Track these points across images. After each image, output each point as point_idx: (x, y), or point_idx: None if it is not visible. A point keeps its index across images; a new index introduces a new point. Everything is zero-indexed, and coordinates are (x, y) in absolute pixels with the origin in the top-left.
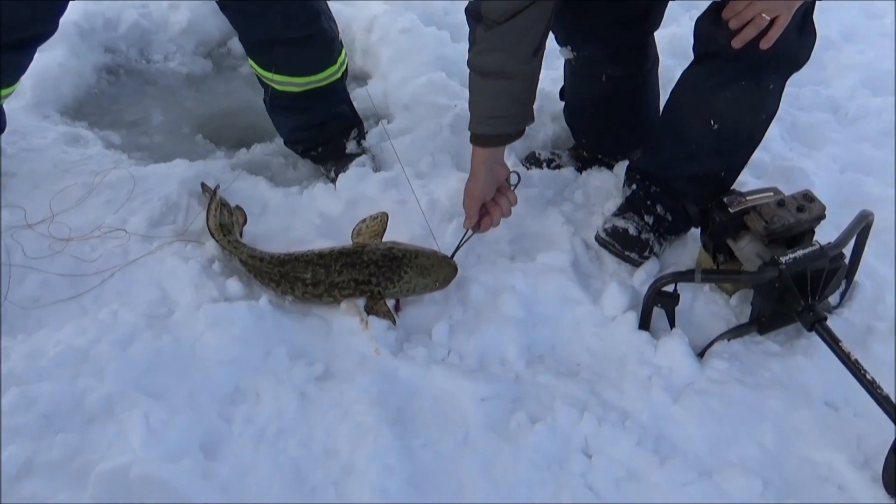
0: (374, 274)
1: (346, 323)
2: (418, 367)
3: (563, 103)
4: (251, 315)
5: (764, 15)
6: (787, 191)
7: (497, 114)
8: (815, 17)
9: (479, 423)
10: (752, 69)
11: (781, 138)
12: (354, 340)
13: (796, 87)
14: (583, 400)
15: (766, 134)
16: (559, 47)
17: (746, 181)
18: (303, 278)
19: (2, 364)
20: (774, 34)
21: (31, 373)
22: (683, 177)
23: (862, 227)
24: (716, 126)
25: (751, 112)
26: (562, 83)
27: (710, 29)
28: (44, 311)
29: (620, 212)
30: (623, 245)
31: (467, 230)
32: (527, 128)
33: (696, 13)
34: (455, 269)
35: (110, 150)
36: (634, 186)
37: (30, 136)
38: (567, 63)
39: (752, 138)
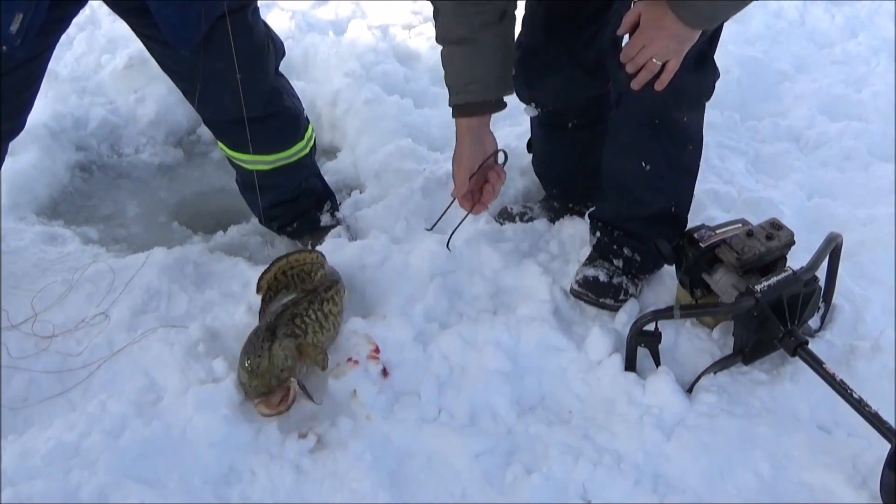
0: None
1: (336, 392)
2: (410, 429)
3: (531, 156)
4: (239, 394)
5: (655, 60)
6: (757, 221)
7: (472, 80)
8: (764, 52)
9: (474, 480)
10: (659, 108)
11: (747, 171)
12: (345, 408)
13: (755, 121)
14: (576, 446)
15: (731, 168)
16: (523, 105)
17: (715, 216)
18: None
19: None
20: (666, 78)
21: (23, 472)
22: (636, 219)
23: (832, 250)
24: (647, 167)
25: (675, 146)
26: (527, 137)
27: (617, 72)
28: (33, 410)
29: (590, 261)
30: (597, 293)
31: (465, 216)
32: (506, 100)
33: None
34: None
35: (88, 246)
36: (598, 234)
37: (7, 238)
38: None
39: (688, 169)
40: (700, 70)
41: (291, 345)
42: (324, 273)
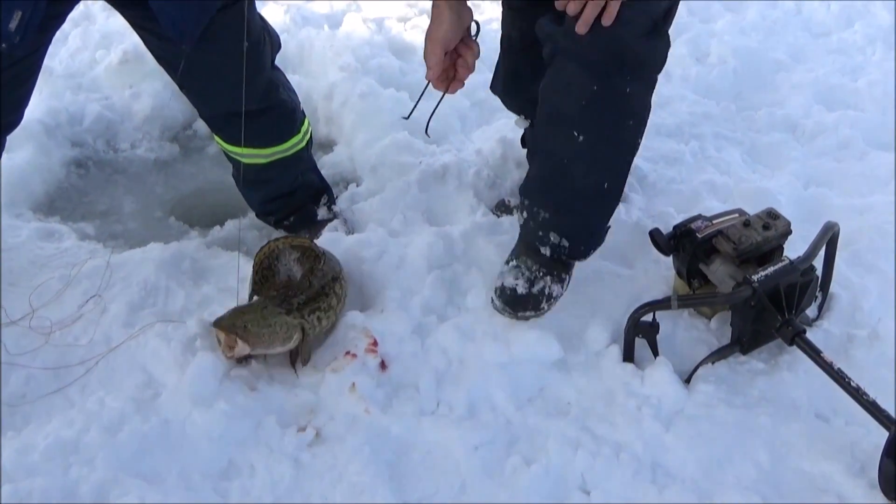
0: None
1: (334, 386)
2: (409, 422)
3: (525, 150)
4: (238, 388)
5: None
6: (753, 212)
7: None
8: (760, 41)
9: (474, 472)
10: (598, 72)
11: (743, 161)
12: (343, 402)
13: (752, 111)
14: (575, 437)
15: (727, 158)
16: (515, 116)
17: (712, 206)
18: None
19: None
20: (613, 10)
21: (22, 469)
22: (565, 194)
23: (829, 239)
24: (580, 137)
25: (613, 118)
26: (522, 131)
27: (550, 28)
28: (31, 407)
29: (514, 256)
30: (514, 307)
31: (441, 97)
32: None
33: None
34: None
35: (85, 242)
36: (525, 214)
37: (4, 235)
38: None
39: (627, 146)
40: (650, 38)
41: (296, 334)
42: (328, 264)
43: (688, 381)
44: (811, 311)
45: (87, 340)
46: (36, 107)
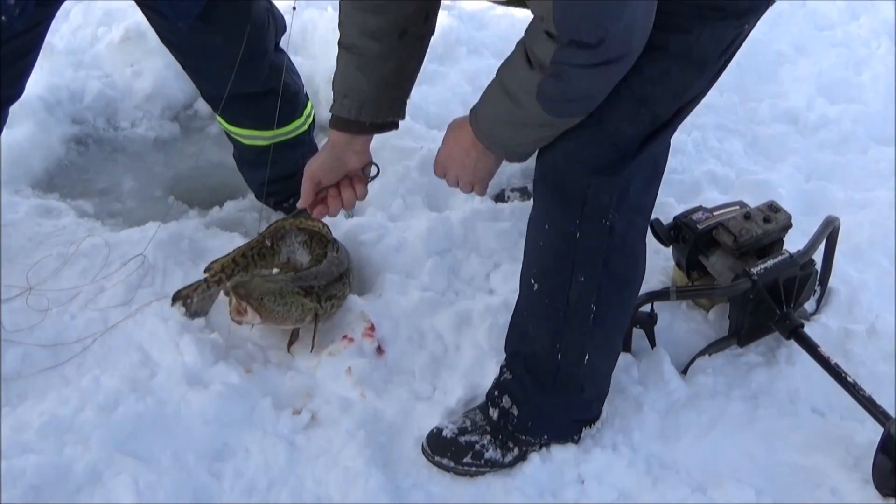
0: None
1: (330, 369)
2: (404, 407)
3: None
4: (233, 370)
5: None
6: (754, 204)
7: (347, 93)
8: (763, 33)
9: None
10: (546, 206)
11: (745, 153)
12: (339, 385)
13: (754, 103)
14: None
15: (729, 149)
16: None
17: (713, 197)
18: None
19: None
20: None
21: (16, 446)
22: (519, 356)
23: (829, 233)
24: (536, 286)
25: (558, 267)
26: None
27: None
28: (27, 384)
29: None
30: (432, 449)
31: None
32: (398, 123)
33: None
34: None
35: (83, 219)
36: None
37: (2, 211)
38: None
39: (577, 309)
40: (601, 174)
41: (308, 317)
42: (343, 252)
43: (684, 372)
44: (809, 305)
45: (84, 319)
46: (36, 83)
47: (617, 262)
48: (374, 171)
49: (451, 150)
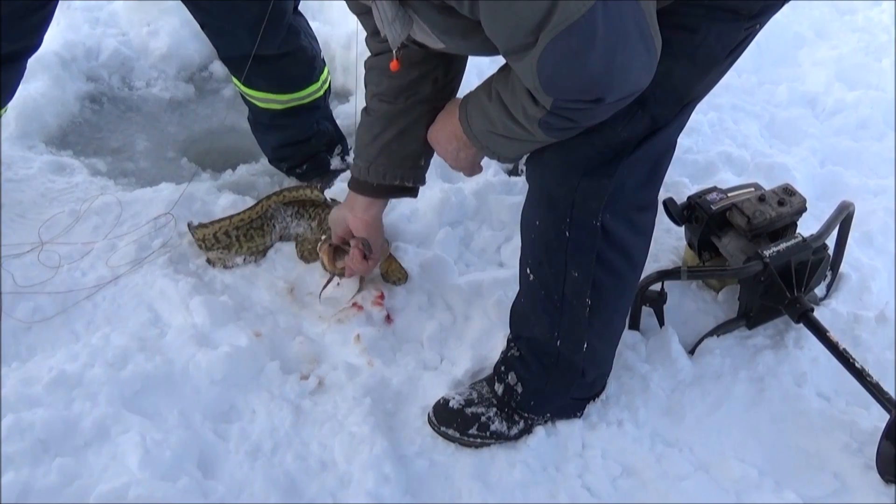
0: None
1: (339, 336)
2: (411, 376)
3: None
4: (242, 332)
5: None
6: (768, 186)
7: (359, 153)
8: (784, 14)
9: None
10: (537, 202)
11: (760, 135)
12: (347, 352)
13: (772, 85)
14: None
15: (745, 131)
16: None
17: (727, 178)
18: None
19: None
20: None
21: (25, 400)
22: (523, 338)
23: (843, 218)
24: (531, 276)
25: (554, 260)
26: None
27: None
28: (36, 338)
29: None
30: (438, 419)
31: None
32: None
33: None
34: None
35: (96, 178)
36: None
37: (15, 166)
38: None
39: (573, 304)
40: (586, 176)
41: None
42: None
43: (692, 352)
44: (819, 290)
45: (95, 276)
46: (53, 38)
47: (611, 257)
48: (379, 249)
49: (439, 131)
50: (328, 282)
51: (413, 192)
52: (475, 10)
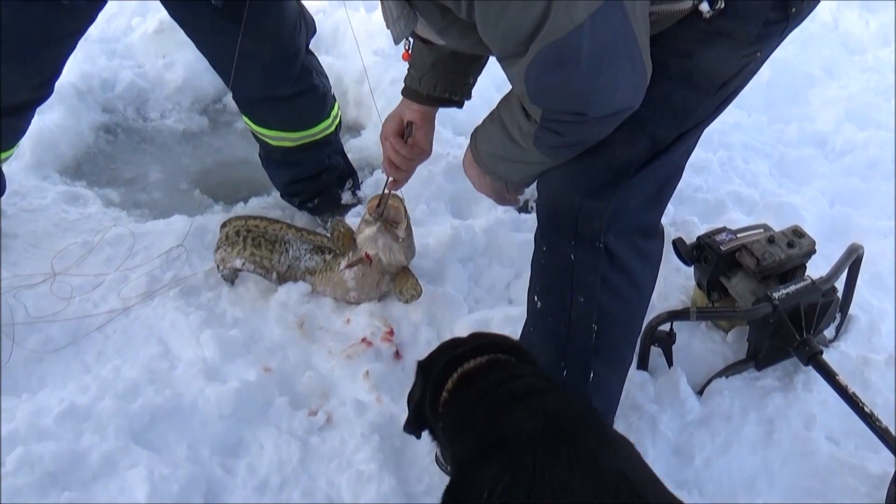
0: None
1: (348, 371)
2: None
3: None
4: (252, 367)
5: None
6: (778, 226)
7: (413, 64)
8: (794, 54)
9: None
10: (543, 228)
11: (770, 174)
12: (356, 388)
13: (782, 124)
14: None
15: (755, 170)
16: None
17: (736, 218)
18: None
19: (3, 425)
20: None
21: (35, 432)
22: None
23: (852, 261)
24: (539, 304)
25: (558, 286)
26: None
27: None
28: (47, 370)
29: None
30: None
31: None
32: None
33: None
34: None
35: (109, 208)
36: None
37: (30, 196)
38: None
39: (580, 329)
40: (592, 197)
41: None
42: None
43: (700, 392)
44: (828, 332)
45: (107, 307)
46: (70, 70)
47: (617, 282)
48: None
49: (465, 157)
50: (355, 261)
51: (460, 104)
52: (471, 13)
